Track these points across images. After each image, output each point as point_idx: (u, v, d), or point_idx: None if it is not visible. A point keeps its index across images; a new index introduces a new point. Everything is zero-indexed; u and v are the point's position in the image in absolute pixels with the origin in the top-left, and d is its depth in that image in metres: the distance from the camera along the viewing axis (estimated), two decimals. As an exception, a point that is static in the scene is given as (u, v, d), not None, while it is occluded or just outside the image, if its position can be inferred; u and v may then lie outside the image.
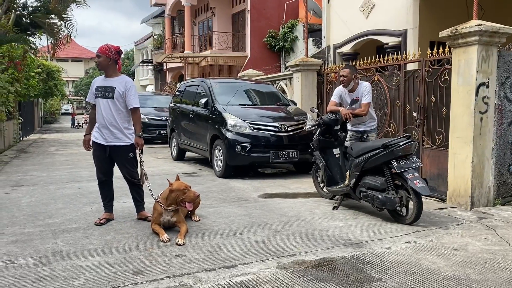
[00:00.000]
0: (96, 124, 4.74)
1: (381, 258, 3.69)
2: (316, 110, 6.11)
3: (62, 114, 42.19)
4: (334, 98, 5.82)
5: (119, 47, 4.75)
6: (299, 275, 3.33)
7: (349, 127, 5.75)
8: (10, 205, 5.58)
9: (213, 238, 4.20)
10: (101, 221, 4.67)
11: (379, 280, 3.24)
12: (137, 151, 4.72)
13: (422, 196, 4.60)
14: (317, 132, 5.74)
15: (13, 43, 12.83)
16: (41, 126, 28.66)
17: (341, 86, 5.82)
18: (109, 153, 4.70)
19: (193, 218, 4.83)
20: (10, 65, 12.53)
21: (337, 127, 5.57)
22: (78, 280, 3.20)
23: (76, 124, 26.92)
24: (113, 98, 4.63)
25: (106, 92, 4.64)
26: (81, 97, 61.72)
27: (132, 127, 4.75)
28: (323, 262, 3.59)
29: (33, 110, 23.02)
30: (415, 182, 4.54)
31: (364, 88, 5.62)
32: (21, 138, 16.32)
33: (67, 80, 44.28)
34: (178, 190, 4.32)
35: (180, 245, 3.97)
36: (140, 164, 4.72)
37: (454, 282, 3.24)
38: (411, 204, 4.68)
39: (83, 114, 40.34)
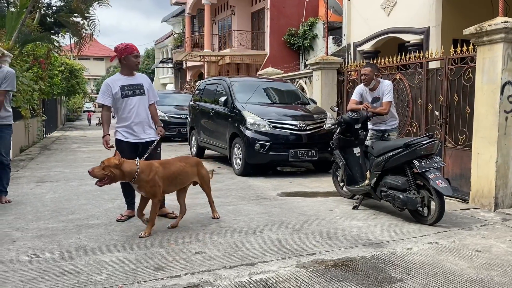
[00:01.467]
0: (124, 124, 4.73)
1: (402, 259, 3.65)
2: (336, 109, 6.07)
3: (84, 111, 42.89)
4: (354, 97, 5.77)
5: None
6: (319, 274, 3.32)
7: (370, 126, 5.69)
8: (35, 201, 5.71)
9: (232, 236, 4.22)
10: (122, 218, 4.75)
11: (400, 281, 3.21)
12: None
13: (444, 197, 4.53)
14: (337, 131, 5.71)
15: (37, 42, 13.12)
16: (64, 123, 29.22)
17: (362, 85, 5.77)
18: (142, 149, 4.74)
19: (213, 215, 4.86)
20: (34, 64, 12.82)
21: (357, 126, 5.52)
22: (101, 275, 3.25)
23: (97, 122, 27.36)
24: (144, 94, 4.76)
25: (136, 90, 4.73)
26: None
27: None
28: (343, 262, 3.57)
29: (56, 107, 23.48)
30: (437, 182, 4.47)
31: (386, 86, 5.56)
32: (44, 135, 16.67)
33: (88, 78, 45.02)
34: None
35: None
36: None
37: (478, 284, 3.18)
38: (433, 205, 4.61)
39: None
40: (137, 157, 4.49)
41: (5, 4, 13.82)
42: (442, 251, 3.86)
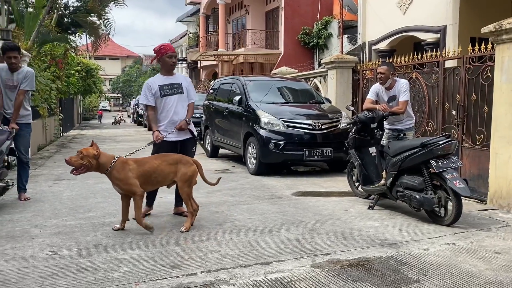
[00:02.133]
0: (164, 122, 4.77)
1: (419, 259, 3.61)
2: (352, 108, 6.03)
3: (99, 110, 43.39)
4: (370, 96, 5.72)
5: None
6: (334, 274, 3.31)
7: (386, 125, 5.64)
8: (53, 198, 5.80)
9: (247, 235, 4.23)
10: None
11: (417, 282, 3.18)
12: None
13: (462, 197, 4.47)
14: (353, 130, 5.67)
15: (55, 42, 13.31)
16: (80, 122, 29.59)
17: (378, 84, 5.72)
18: (180, 148, 4.79)
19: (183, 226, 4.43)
20: (52, 63, 13.02)
21: (373, 125, 5.47)
22: (118, 272, 3.29)
23: (114, 121, 27.63)
24: (183, 93, 4.83)
25: (175, 89, 4.82)
26: (118, 95, 63.34)
27: None
28: (359, 262, 3.55)
29: (72, 106, 23.79)
30: (454, 182, 4.41)
31: (402, 85, 5.50)
32: (61, 134, 16.90)
33: (104, 78, 45.49)
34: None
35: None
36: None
37: (496, 286, 3.13)
38: (450, 205, 4.55)
39: (119, 111, 41.30)
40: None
41: (24, 5, 14.04)
42: (460, 252, 3.81)
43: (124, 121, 27.13)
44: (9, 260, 3.52)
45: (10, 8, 12.24)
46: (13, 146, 5.50)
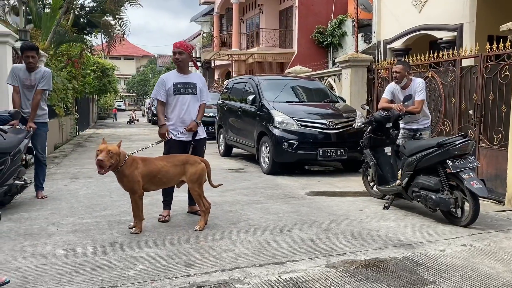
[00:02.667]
0: (174, 121, 4.76)
1: (435, 261, 3.57)
2: (367, 107, 5.98)
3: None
4: (386, 95, 5.67)
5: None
6: (349, 274, 3.29)
7: (401, 125, 5.58)
8: (69, 197, 5.88)
9: (261, 234, 4.23)
10: (166, 218, 4.69)
11: (433, 283, 3.14)
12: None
13: (479, 198, 4.41)
14: (368, 130, 5.63)
15: (71, 42, 13.49)
16: (96, 121, 29.94)
17: (393, 83, 5.66)
18: (192, 148, 4.79)
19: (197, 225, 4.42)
20: (68, 63, 13.19)
21: (389, 125, 5.42)
22: (133, 270, 3.32)
23: (128, 120, 27.88)
24: (196, 94, 4.81)
25: (189, 88, 4.79)
26: (133, 94, 63.91)
27: None
28: (374, 262, 3.52)
29: (88, 106, 24.09)
30: (472, 182, 4.35)
31: (418, 84, 5.44)
32: (77, 133, 17.13)
33: (119, 77, 45.94)
34: (98, 150, 4.09)
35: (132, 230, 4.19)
36: None
37: (515, 288, 3.08)
38: (466, 206, 4.49)
39: (132, 110, 41.65)
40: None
41: (41, 6, 14.26)
42: (477, 253, 3.75)
43: (138, 120, 27.34)
44: (27, 257, 3.58)
45: (28, 9, 12.45)
46: (30, 145, 5.59)
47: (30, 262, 3.47)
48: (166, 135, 4.74)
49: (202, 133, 4.95)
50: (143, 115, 37.28)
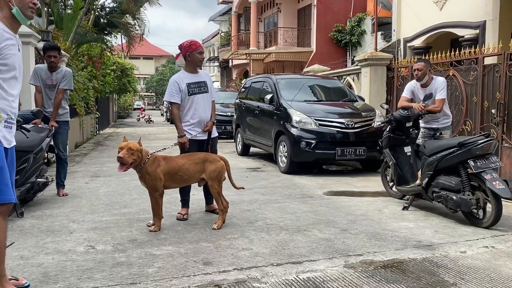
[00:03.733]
0: (193, 121, 4.77)
1: (456, 262, 3.51)
2: (386, 106, 5.90)
3: (134, 109, 44.33)
4: (405, 94, 5.59)
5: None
6: (367, 275, 3.25)
7: (421, 124, 5.49)
8: (90, 194, 5.97)
9: (278, 233, 4.22)
10: (184, 216, 4.73)
11: (453, 285, 3.09)
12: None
13: (501, 199, 4.31)
14: (387, 129, 5.56)
15: (92, 42, 13.70)
16: (115, 120, 30.35)
17: (413, 81, 5.57)
18: (207, 146, 4.83)
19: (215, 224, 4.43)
20: (89, 63, 13.41)
21: (409, 124, 5.34)
22: (152, 267, 3.35)
23: (146, 119, 28.16)
24: (208, 92, 4.85)
25: (201, 87, 4.81)
26: (152, 93, 64.57)
27: None
28: (393, 263, 3.48)
29: (108, 105, 24.44)
30: (494, 183, 4.25)
31: (439, 83, 5.34)
32: (97, 132, 17.40)
33: (138, 77, 46.43)
34: (119, 147, 4.06)
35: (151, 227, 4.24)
36: None
37: (539, 292, 3.00)
38: (488, 207, 4.40)
39: (153, 109, 41.98)
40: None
41: (63, 6, 14.52)
42: (500, 255, 3.67)
43: (153, 121, 27.41)
44: (49, 253, 3.65)
45: (49, 10, 12.68)
46: (52, 143, 5.71)
47: (52, 258, 3.54)
48: (186, 144, 4.70)
49: (215, 132, 4.99)
50: (162, 114, 37.60)
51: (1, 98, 2.68)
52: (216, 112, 5.10)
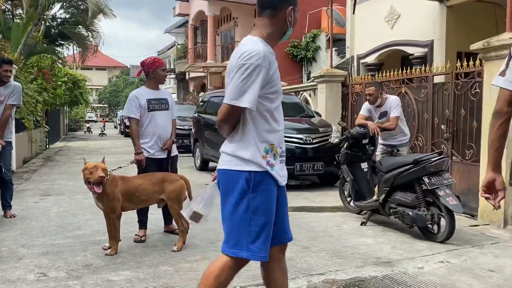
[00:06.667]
0: (149, 139, 4.61)
1: (414, 279, 3.59)
2: (344, 124, 6.06)
3: (86, 121, 42.90)
4: (363, 112, 5.75)
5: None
6: (330, 295, 3.26)
7: (380, 141, 5.66)
8: (40, 215, 5.67)
9: (240, 254, 4.16)
10: (142, 238, 4.59)
11: (413, 303, 3.15)
12: None
13: (454, 214, 4.48)
14: (345, 146, 5.68)
15: (42, 54, 13.16)
16: (66, 133, 29.25)
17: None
18: (167, 165, 4.71)
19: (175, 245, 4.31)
20: (38, 75, 12.86)
21: (365, 141, 5.49)
22: (109, 295, 3.20)
23: (99, 133, 27.30)
24: (169, 110, 4.75)
25: (162, 104, 4.70)
26: (105, 105, 62.87)
27: None
28: (355, 282, 3.51)
29: (59, 118, 23.51)
30: (448, 199, 4.43)
31: (393, 101, 5.55)
32: (47, 146, 16.65)
33: (91, 88, 45.02)
34: (86, 168, 3.95)
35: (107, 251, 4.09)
36: None
37: (493, 306, 3.12)
38: (442, 221, 4.56)
39: (106, 121, 40.72)
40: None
41: (10, 16, 13.89)
42: (455, 270, 3.80)
43: (105, 134, 26.47)
44: (-4, 283, 3.41)
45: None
46: (-1, 162, 5.37)
47: (-1, 289, 3.31)
48: (143, 162, 4.55)
49: (175, 150, 4.88)
50: (115, 127, 36.61)
51: None
52: None
